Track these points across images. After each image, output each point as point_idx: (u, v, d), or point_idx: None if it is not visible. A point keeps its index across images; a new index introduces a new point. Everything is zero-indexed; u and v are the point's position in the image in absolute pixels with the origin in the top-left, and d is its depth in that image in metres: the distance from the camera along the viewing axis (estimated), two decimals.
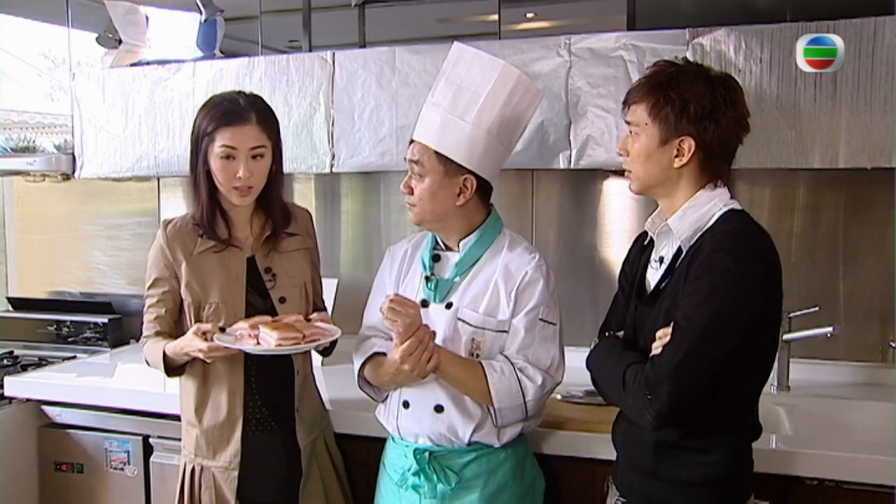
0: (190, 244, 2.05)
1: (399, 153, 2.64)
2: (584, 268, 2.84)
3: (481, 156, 1.90)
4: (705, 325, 1.52)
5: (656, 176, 1.67)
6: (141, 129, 3.02)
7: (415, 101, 2.61)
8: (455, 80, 1.92)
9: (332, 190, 3.17)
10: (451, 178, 1.89)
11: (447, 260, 1.98)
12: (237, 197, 2.02)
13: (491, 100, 1.88)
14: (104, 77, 3.09)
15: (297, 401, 2.11)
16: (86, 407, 2.71)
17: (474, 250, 1.95)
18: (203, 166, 2.00)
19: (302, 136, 2.76)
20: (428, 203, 1.91)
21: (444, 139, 1.89)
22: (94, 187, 3.46)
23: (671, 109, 1.61)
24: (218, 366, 2.03)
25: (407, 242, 2.09)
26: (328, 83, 2.74)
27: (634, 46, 2.40)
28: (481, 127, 1.88)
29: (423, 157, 1.91)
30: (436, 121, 1.90)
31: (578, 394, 2.34)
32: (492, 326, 1.90)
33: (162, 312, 2.08)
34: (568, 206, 2.89)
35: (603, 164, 2.47)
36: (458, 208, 1.92)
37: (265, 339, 1.86)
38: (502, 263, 1.93)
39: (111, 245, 3.54)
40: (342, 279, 2.98)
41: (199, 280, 2.04)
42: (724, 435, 1.64)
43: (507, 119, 1.91)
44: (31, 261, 3.71)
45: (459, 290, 1.93)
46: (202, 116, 2.00)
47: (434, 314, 1.93)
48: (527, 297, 1.90)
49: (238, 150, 1.97)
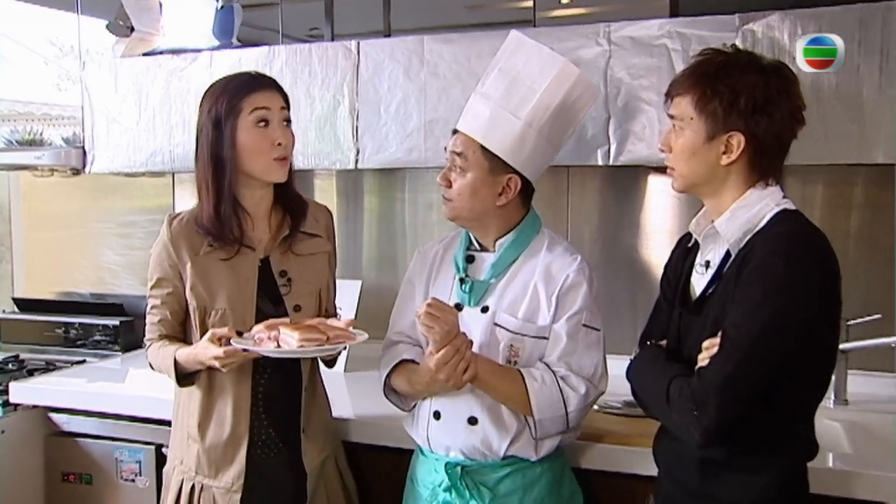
0: (197, 243, 2.01)
1: (428, 149, 2.65)
2: (623, 271, 2.84)
3: (529, 155, 1.90)
4: (757, 334, 1.50)
5: (702, 174, 1.66)
6: (155, 122, 3.05)
7: (444, 94, 2.62)
8: (510, 71, 1.93)
9: (354, 187, 3.19)
10: (495, 177, 1.90)
11: (482, 261, 1.99)
12: (278, 170, 1.98)
13: (546, 97, 1.89)
14: (116, 67, 3.13)
15: (303, 420, 2.08)
16: (95, 414, 2.73)
17: (511, 251, 1.95)
18: (230, 150, 1.95)
19: (325, 131, 2.78)
20: (467, 200, 1.92)
21: (492, 134, 1.89)
22: (105, 183, 3.50)
23: (719, 102, 1.60)
24: (224, 377, 2.01)
25: (438, 243, 2.10)
26: (353, 74, 2.76)
27: (679, 34, 2.39)
28: (533, 125, 1.89)
29: (468, 151, 1.91)
30: (485, 113, 1.91)
31: (617, 404, 2.34)
32: (531, 332, 1.91)
33: (166, 315, 2.05)
34: (605, 205, 2.89)
35: (644, 161, 2.47)
36: (497, 208, 1.93)
37: (285, 340, 1.83)
38: (542, 265, 1.93)
39: (123, 244, 3.58)
40: (365, 281, 2.99)
41: (205, 283, 2.00)
42: (778, 453, 1.62)
43: (559, 119, 1.92)
44: (38, 260, 3.76)
45: (496, 293, 1.94)
46: (216, 96, 1.97)
47: (469, 318, 1.93)
48: (569, 301, 1.90)
49: (272, 112, 1.96)
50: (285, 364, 2.03)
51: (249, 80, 2.00)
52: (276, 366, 2.03)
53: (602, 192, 2.89)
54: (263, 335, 1.87)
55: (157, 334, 2.07)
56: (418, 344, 2.03)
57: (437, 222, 3.08)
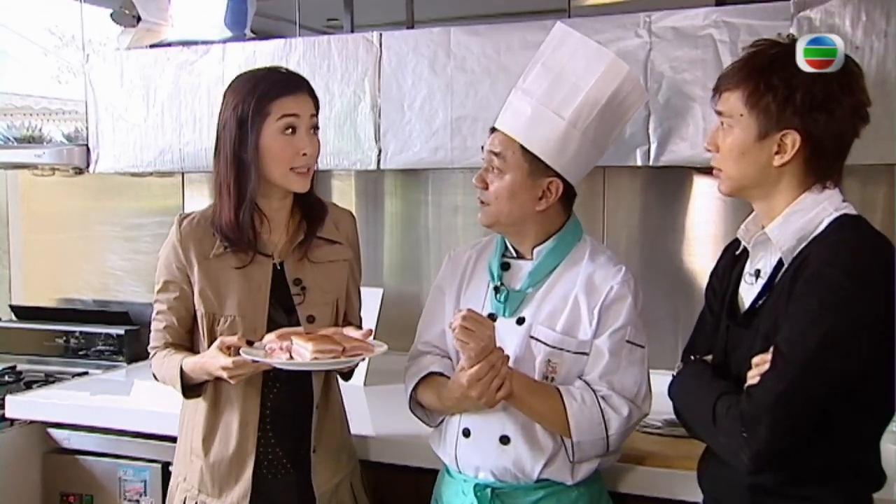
0: (206, 245, 2.02)
1: (454, 148, 2.66)
2: (664, 280, 2.83)
3: (572, 157, 1.90)
4: (813, 351, 1.49)
5: (752, 176, 1.65)
6: (164, 119, 3.08)
7: (472, 89, 2.63)
8: (554, 67, 1.93)
9: (374, 188, 3.21)
10: (535, 180, 1.90)
11: (518, 269, 1.99)
12: (299, 181, 1.99)
13: (593, 96, 1.89)
14: (122, 60, 3.16)
15: (314, 439, 2.07)
16: (98, 430, 2.74)
17: (550, 259, 1.96)
18: (253, 153, 1.95)
19: (345, 129, 2.80)
20: (505, 203, 1.92)
21: (533, 134, 1.89)
22: (110, 182, 3.53)
23: (773, 98, 1.59)
24: (231, 390, 2.01)
25: (471, 248, 2.10)
26: (374, 68, 2.77)
27: (726, 23, 2.37)
28: (577, 125, 1.89)
29: (507, 151, 1.91)
30: (525, 111, 1.91)
31: (658, 424, 2.33)
32: (571, 347, 1.90)
33: (172, 322, 2.06)
34: (645, 209, 2.89)
35: (687, 161, 2.46)
36: (536, 213, 1.93)
37: (298, 351, 1.83)
38: (584, 275, 1.93)
39: (129, 247, 3.61)
40: (386, 289, 3.00)
41: (214, 288, 2.01)
42: (837, 482, 1.59)
43: (605, 119, 1.91)
44: (37, 264, 3.80)
45: (533, 304, 1.94)
46: (244, 93, 1.96)
47: (503, 330, 1.92)
48: (612, 315, 1.90)
49: (300, 120, 1.97)
50: (297, 377, 2.03)
51: (282, 81, 2.00)
52: (286, 379, 2.03)
53: (641, 196, 2.89)
54: (275, 345, 1.87)
55: (163, 342, 2.07)
56: (447, 355, 2.03)
57: (463, 226, 3.09)
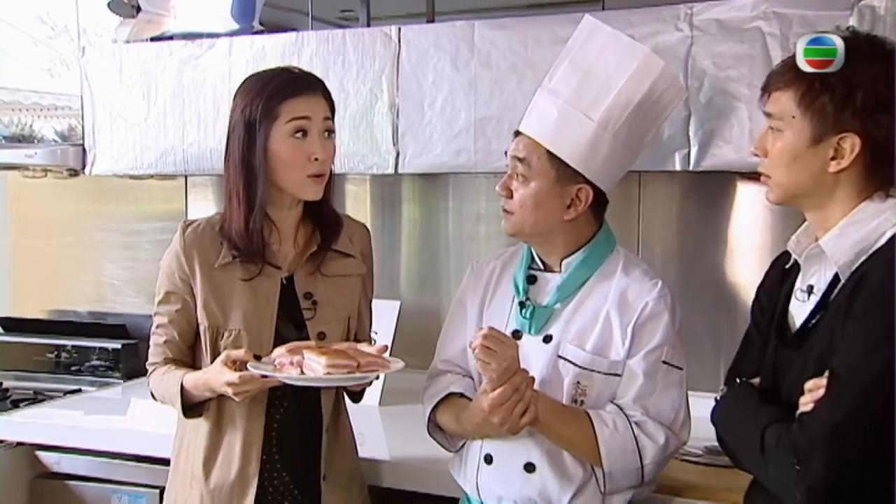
0: (212, 254, 2.04)
1: (478, 151, 2.66)
2: (705, 295, 2.82)
3: (602, 162, 1.90)
4: (874, 377, 1.47)
5: (804, 183, 1.64)
6: (166, 118, 3.09)
7: (498, 88, 2.63)
8: (582, 64, 1.92)
9: (391, 193, 3.21)
10: (563, 186, 1.91)
11: (546, 282, 1.99)
12: (311, 188, 2.00)
13: (625, 95, 1.89)
14: (121, 53, 3.18)
15: (324, 465, 2.08)
16: (90, 453, 2.74)
17: (580, 272, 1.95)
18: (262, 158, 1.97)
19: (360, 130, 2.80)
20: (530, 212, 1.92)
21: (560, 137, 1.89)
22: (107, 185, 3.54)
23: (830, 98, 1.57)
24: (235, 408, 2.02)
25: (495, 259, 2.11)
26: (392, 65, 2.77)
27: (776, 14, 2.35)
28: (608, 127, 1.89)
29: (532, 156, 1.91)
30: (552, 113, 1.91)
31: (698, 451, 2.32)
32: (602, 368, 1.90)
33: (173, 336, 2.07)
34: (684, 217, 2.88)
35: (731, 166, 2.45)
36: (565, 222, 1.93)
37: (310, 365, 1.84)
38: (616, 290, 1.93)
39: (127, 255, 3.62)
40: (403, 302, 3.01)
41: (218, 300, 2.02)
42: None
43: (639, 120, 1.91)
44: (27, 273, 3.81)
45: (561, 321, 1.94)
46: (252, 95, 1.98)
47: (529, 349, 1.92)
48: (647, 333, 1.89)
49: (312, 123, 1.98)
50: (305, 396, 2.05)
51: (291, 82, 2.01)
52: (294, 398, 2.04)
53: (680, 203, 2.88)
54: (285, 360, 1.88)
55: (162, 358, 2.08)
56: (469, 374, 2.04)
57: (486, 235, 3.09)
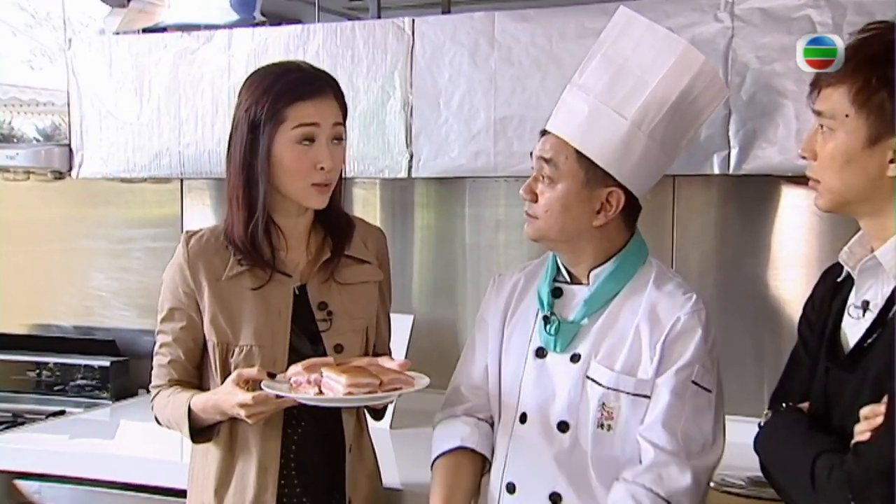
0: (218, 265, 2.04)
1: (498, 153, 2.66)
2: (746, 309, 2.81)
3: (636, 164, 1.90)
4: None
5: (858, 188, 1.63)
6: (161, 116, 3.10)
7: (520, 85, 2.63)
8: (615, 58, 1.92)
9: (403, 199, 3.22)
10: (592, 190, 1.90)
11: (572, 295, 1.98)
12: (316, 197, 2.00)
13: (661, 92, 1.88)
14: (111, 46, 3.19)
15: (349, 488, 2.08)
16: (75, 481, 2.73)
17: (610, 284, 1.95)
18: (264, 162, 1.97)
19: (371, 130, 2.81)
20: (557, 217, 1.92)
21: (590, 136, 1.89)
22: (95, 189, 3.55)
23: (889, 95, 1.55)
24: (248, 431, 2.01)
25: (518, 272, 2.11)
26: (405, 60, 2.78)
27: (828, 2, 2.34)
28: (642, 126, 1.89)
29: (559, 157, 1.91)
30: (582, 110, 1.91)
31: (740, 482, 2.31)
32: (628, 388, 1.89)
33: (178, 356, 2.07)
34: (723, 225, 2.87)
35: (775, 170, 2.44)
36: (593, 229, 1.93)
37: (329, 385, 1.84)
38: (647, 304, 1.93)
39: (117, 265, 3.63)
40: (417, 316, 3.01)
41: (227, 314, 2.02)
42: None
43: (677, 119, 1.91)
44: (7, 284, 3.80)
45: (589, 338, 1.93)
46: (259, 93, 1.98)
47: (554, 369, 1.93)
48: (678, 350, 1.88)
49: (321, 130, 1.97)
50: (325, 416, 2.04)
51: (301, 82, 1.99)
52: (312, 418, 2.04)
53: (719, 209, 2.87)
54: (301, 378, 1.88)
55: (167, 379, 2.08)
56: (488, 412, 2.04)
57: (506, 244, 3.09)
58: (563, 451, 1.90)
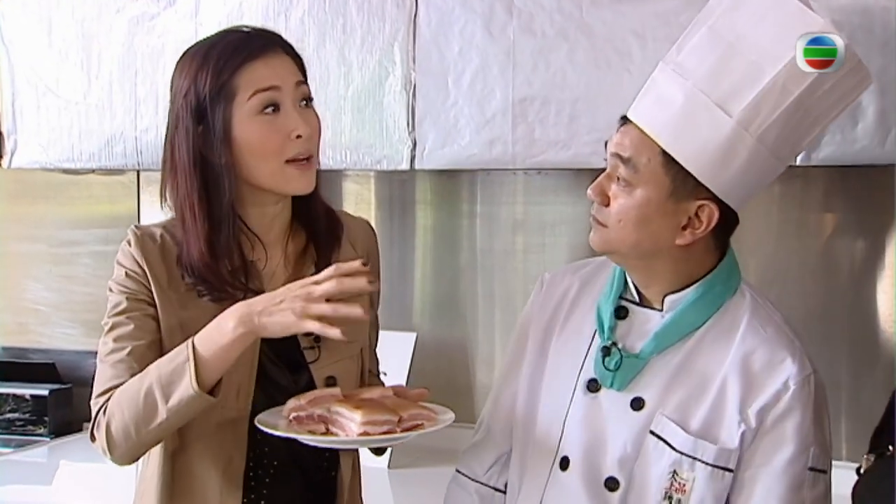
0: (175, 272, 1.95)
1: (517, 141, 2.68)
2: (839, 333, 2.79)
3: (738, 174, 1.77)
4: None
5: None
6: (112, 95, 3.13)
7: (542, 60, 2.65)
8: (726, 34, 1.78)
9: (403, 195, 3.25)
10: (679, 202, 1.78)
11: (641, 321, 1.89)
12: (297, 177, 1.92)
13: (781, 84, 1.74)
14: (50, 8, 3.23)
15: None
16: None
17: (690, 315, 1.85)
18: (223, 151, 1.89)
19: (366, 113, 2.84)
20: (632, 230, 1.81)
21: (684, 135, 1.77)
22: (31, 182, 3.60)
23: None
24: (195, 484, 1.94)
25: (571, 273, 2.04)
26: (407, 30, 2.81)
27: None
28: (751, 128, 1.74)
29: (641, 157, 1.79)
30: (676, 99, 1.78)
31: None
32: (708, 457, 1.80)
33: (142, 345, 1.91)
34: (788, 226, 2.90)
35: (854, 160, 2.45)
36: (676, 248, 1.81)
37: (341, 422, 1.81)
38: (739, 350, 1.83)
39: (59, 273, 3.65)
40: (420, 335, 3.03)
41: (185, 329, 1.89)
42: None
43: (797, 120, 1.78)
44: None
45: (657, 381, 1.85)
46: (195, 70, 1.92)
47: (610, 412, 1.87)
48: (788, 430, 1.79)
49: (282, 93, 1.91)
50: (307, 460, 2.02)
51: (242, 41, 1.94)
52: (290, 470, 2.01)
53: (781, 209, 2.90)
54: (302, 414, 1.85)
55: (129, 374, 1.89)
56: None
57: (525, 249, 3.11)
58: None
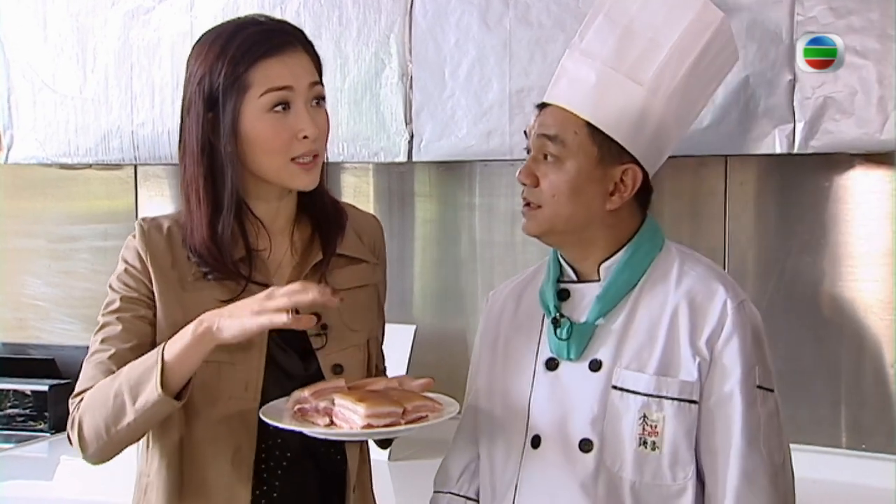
0: (182, 264, 1.95)
1: (514, 132, 2.69)
2: (816, 317, 2.81)
3: (652, 137, 1.92)
4: None
5: None
6: (109, 90, 3.12)
7: (539, 50, 2.66)
8: (620, 19, 1.94)
9: (402, 187, 3.24)
10: (607, 168, 1.89)
11: (581, 295, 1.97)
12: (302, 175, 1.93)
13: (678, 56, 1.91)
14: (45, 4, 3.20)
15: None
16: None
17: (625, 275, 1.94)
18: (230, 142, 1.90)
19: (363, 105, 2.83)
20: (565, 203, 1.90)
21: (603, 106, 1.90)
22: (29, 177, 3.58)
23: None
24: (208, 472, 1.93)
25: (511, 283, 2.12)
26: (403, 21, 2.80)
27: None
28: (658, 94, 1.91)
29: (566, 132, 1.89)
30: (589, 78, 1.92)
31: None
32: (672, 392, 1.87)
33: (123, 347, 1.89)
34: (786, 214, 2.89)
35: (851, 147, 2.46)
36: (606, 214, 1.92)
37: (344, 415, 1.80)
38: (678, 294, 1.93)
39: (57, 268, 3.65)
40: (420, 327, 3.03)
41: (186, 314, 1.86)
42: None
43: (692, 86, 1.94)
44: None
45: (609, 341, 1.92)
46: (212, 59, 1.91)
47: (570, 380, 1.92)
48: (734, 352, 1.88)
49: (295, 93, 1.91)
50: (319, 451, 2.00)
51: (261, 37, 1.93)
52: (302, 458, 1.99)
53: (777, 195, 2.90)
54: (308, 406, 1.85)
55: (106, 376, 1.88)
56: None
57: (524, 240, 3.02)
58: (588, 475, 1.89)
